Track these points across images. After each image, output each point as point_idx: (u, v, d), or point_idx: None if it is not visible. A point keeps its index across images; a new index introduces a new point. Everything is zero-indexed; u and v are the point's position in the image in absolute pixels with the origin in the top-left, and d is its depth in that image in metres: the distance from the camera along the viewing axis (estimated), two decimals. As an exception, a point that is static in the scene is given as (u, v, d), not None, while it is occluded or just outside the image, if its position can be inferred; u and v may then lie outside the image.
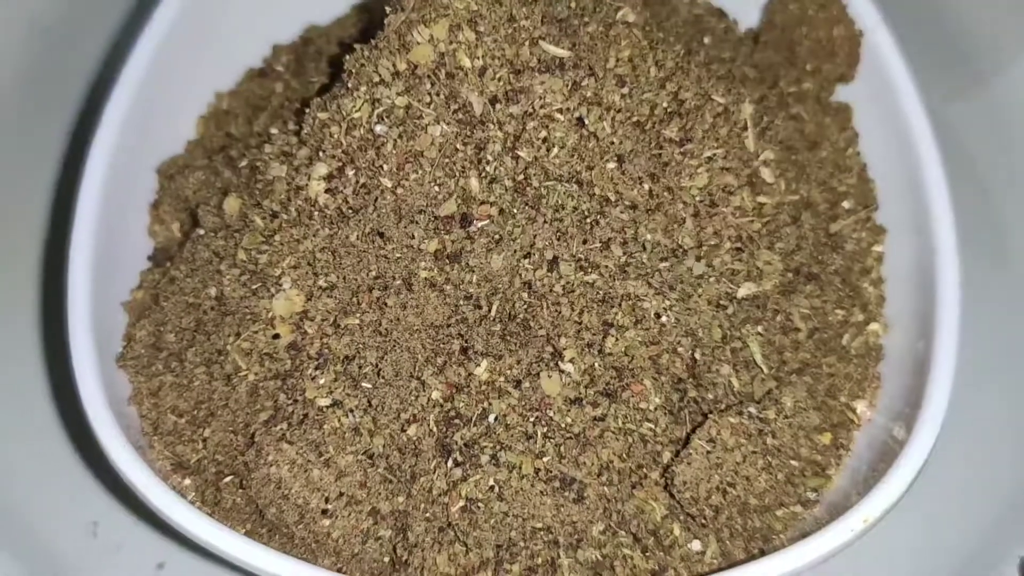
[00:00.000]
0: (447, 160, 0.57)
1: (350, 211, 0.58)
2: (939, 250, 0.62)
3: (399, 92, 0.56)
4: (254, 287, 0.59)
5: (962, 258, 0.62)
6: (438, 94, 0.56)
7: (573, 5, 0.60)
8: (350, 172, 0.57)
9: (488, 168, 0.57)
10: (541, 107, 0.57)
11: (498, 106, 0.56)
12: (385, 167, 0.57)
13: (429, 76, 0.56)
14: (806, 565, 0.52)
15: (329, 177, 0.57)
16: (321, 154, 0.58)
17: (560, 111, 0.57)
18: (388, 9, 0.57)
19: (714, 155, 0.60)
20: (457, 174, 0.57)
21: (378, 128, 0.57)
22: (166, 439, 0.59)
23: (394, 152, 0.56)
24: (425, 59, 0.56)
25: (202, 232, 0.63)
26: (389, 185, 0.57)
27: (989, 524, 0.69)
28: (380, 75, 0.57)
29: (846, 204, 0.67)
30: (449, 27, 0.56)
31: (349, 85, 0.58)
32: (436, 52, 0.56)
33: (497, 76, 0.56)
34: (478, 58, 0.56)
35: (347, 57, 0.59)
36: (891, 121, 0.67)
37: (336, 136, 0.57)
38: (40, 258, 0.77)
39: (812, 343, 0.62)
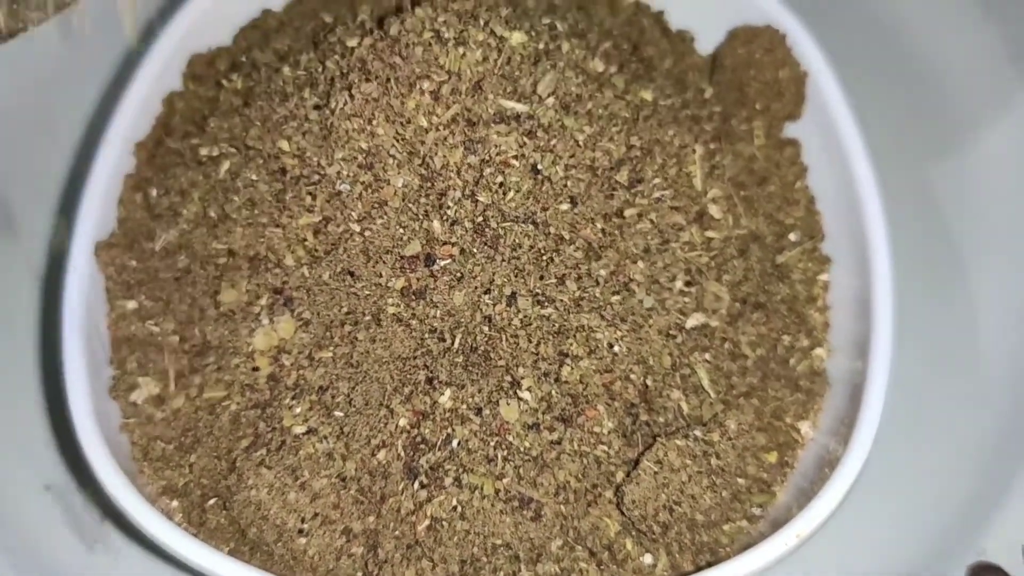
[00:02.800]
0: (410, 206, 0.61)
1: (322, 253, 0.62)
2: (875, 274, 0.65)
3: None
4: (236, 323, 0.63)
5: (900, 277, 0.65)
6: (400, 152, 0.61)
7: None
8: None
9: (449, 212, 0.61)
10: (497, 155, 0.61)
11: (456, 157, 0.61)
12: (353, 214, 0.61)
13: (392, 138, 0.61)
14: (743, 577, 0.56)
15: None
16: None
17: (515, 158, 0.61)
18: None
19: (663, 195, 0.64)
20: (420, 218, 0.61)
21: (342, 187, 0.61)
22: (155, 464, 0.62)
23: (360, 201, 0.61)
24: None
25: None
26: (357, 229, 0.61)
27: (937, 535, 0.72)
28: None
29: (793, 236, 0.71)
30: None
31: None
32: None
33: (455, 132, 0.61)
34: (436, 115, 0.61)
35: None
36: (834, 156, 0.71)
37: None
38: (38, 293, 0.80)
39: (759, 368, 0.65)
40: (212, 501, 0.61)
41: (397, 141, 0.61)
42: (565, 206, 0.62)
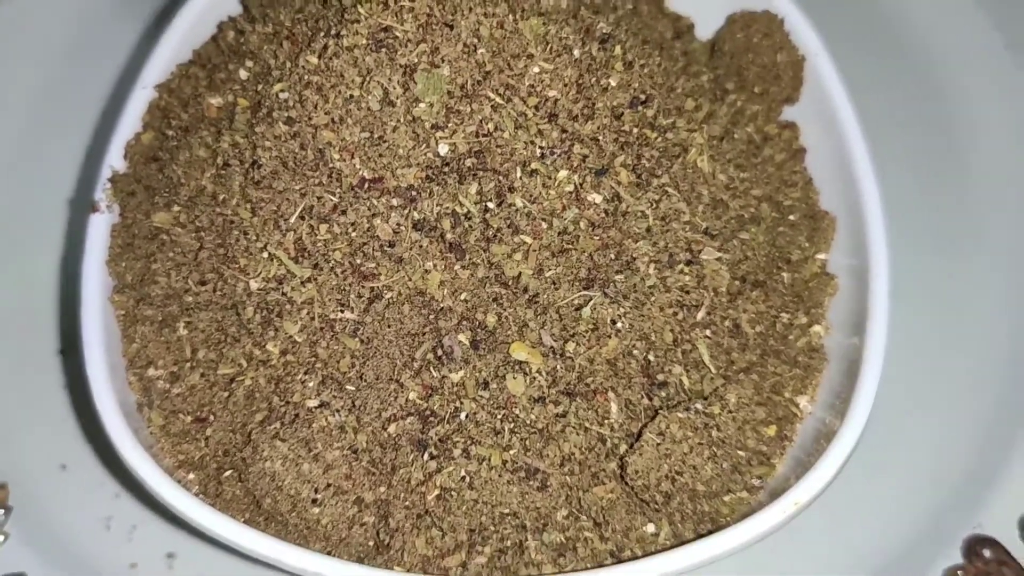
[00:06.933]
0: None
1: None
2: (872, 253, 0.67)
3: None
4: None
5: (898, 254, 0.67)
6: None
7: None
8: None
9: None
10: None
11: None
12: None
13: None
14: (742, 544, 0.58)
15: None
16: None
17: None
18: None
19: (667, 180, 0.66)
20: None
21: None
22: (173, 439, 0.64)
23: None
24: None
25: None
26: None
27: (933, 509, 0.73)
28: None
29: (792, 216, 0.72)
30: None
31: None
32: None
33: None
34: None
35: None
36: (831, 138, 0.72)
37: None
38: (57, 270, 0.82)
39: (758, 344, 0.67)
40: (228, 473, 0.63)
41: None
42: (570, 188, 0.63)
